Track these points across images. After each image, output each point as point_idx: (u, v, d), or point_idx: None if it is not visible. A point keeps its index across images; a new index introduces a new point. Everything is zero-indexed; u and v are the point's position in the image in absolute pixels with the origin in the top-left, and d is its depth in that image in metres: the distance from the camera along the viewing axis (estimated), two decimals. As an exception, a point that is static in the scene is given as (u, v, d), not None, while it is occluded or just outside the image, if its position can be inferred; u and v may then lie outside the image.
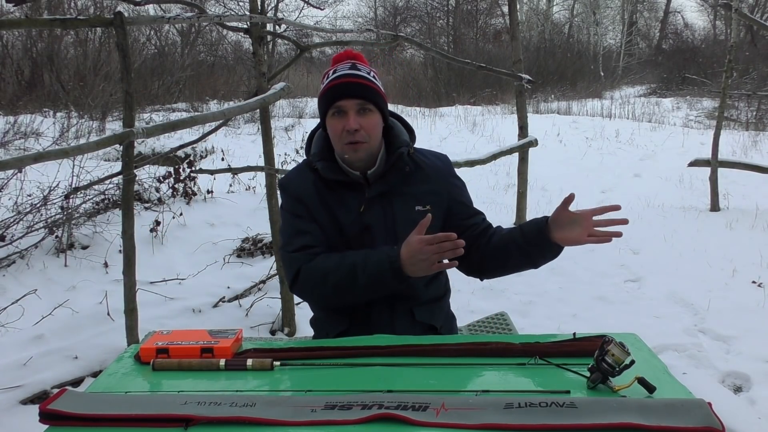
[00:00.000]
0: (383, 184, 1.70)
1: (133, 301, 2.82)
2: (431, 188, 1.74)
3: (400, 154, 1.70)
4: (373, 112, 1.66)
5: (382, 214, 1.70)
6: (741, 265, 4.50)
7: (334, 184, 1.71)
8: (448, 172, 1.81)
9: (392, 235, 1.68)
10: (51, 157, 2.56)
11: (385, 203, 1.71)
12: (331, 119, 1.67)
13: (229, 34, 15.00)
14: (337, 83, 1.64)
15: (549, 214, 1.72)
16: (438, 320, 1.78)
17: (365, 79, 1.66)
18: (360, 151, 1.65)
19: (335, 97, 1.64)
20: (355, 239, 1.69)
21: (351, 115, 1.63)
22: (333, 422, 1.08)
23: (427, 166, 1.77)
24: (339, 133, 1.65)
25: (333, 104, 1.65)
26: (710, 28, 26.80)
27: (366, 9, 27.60)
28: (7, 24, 5.48)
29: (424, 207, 1.72)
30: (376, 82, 1.69)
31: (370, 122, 1.65)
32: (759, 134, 10.20)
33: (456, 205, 1.77)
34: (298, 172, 1.78)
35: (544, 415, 1.07)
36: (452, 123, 11.42)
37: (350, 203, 1.70)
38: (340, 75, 1.65)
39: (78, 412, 1.13)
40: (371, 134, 1.66)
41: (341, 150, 1.67)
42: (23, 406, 2.64)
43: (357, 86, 1.64)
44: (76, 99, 9.48)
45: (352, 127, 1.62)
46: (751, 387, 2.89)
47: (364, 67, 1.69)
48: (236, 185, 6.10)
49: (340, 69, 1.67)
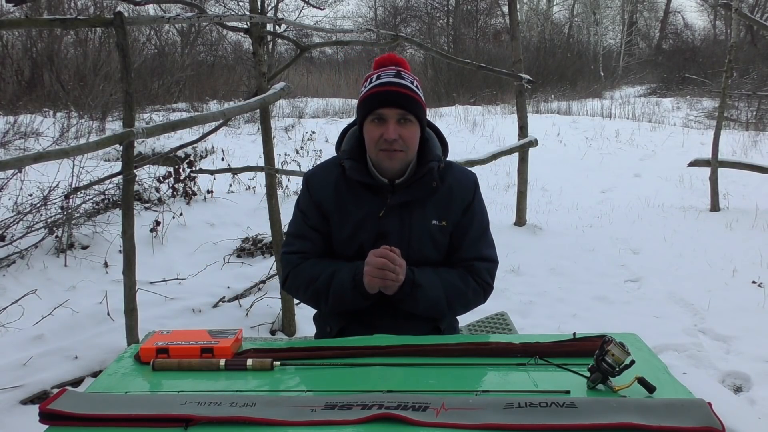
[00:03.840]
0: (407, 194, 1.69)
1: (133, 301, 2.81)
2: (451, 206, 1.73)
3: (430, 169, 1.68)
4: (413, 123, 1.64)
5: (399, 223, 1.69)
6: (741, 265, 4.50)
7: (358, 186, 1.70)
8: (471, 192, 1.77)
9: (406, 245, 1.68)
10: (51, 157, 2.56)
11: (404, 213, 1.70)
12: (370, 125, 1.65)
13: (229, 34, 15.01)
14: (381, 90, 1.62)
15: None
16: (443, 322, 1.78)
17: (409, 89, 1.64)
18: (395, 160, 1.64)
19: (377, 104, 1.62)
20: (369, 244, 1.68)
21: (391, 125, 1.61)
22: (333, 422, 1.08)
23: (454, 184, 1.74)
24: (376, 139, 1.63)
25: (374, 111, 1.63)
26: (710, 28, 26.81)
27: (366, 9, 27.60)
28: (7, 24, 5.48)
29: (440, 222, 1.71)
30: (419, 92, 1.67)
31: (409, 133, 1.64)
32: (759, 134, 10.20)
33: (456, 231, 1.75)
34: (324, 169, 1.78)
35: (544, 415, 1.07)
36: (452, 123, 11.42)
37: (370, 207, 1.69)
38: (385, 82, 1.63)
39: (78, 412, 1.13)
40: (409, 145, 1.65)
41: (376, 156, 1.66)
42: (23, 406, 2.64)
43: (400, 96, 1.62)
44: (76, 99, 9.49)
45: (391, 136, 1.60)
46: (751, 387, 2.89)
47: (408, 76, 1.66)
48: (236, 185, 6.10)
49: (384, 75, 1.65)
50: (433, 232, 1.71)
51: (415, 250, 1.65)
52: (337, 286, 1.65)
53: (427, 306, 1.67)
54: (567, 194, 7.20)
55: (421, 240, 1.69)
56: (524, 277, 4.41)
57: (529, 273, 4.47)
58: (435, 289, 1.67)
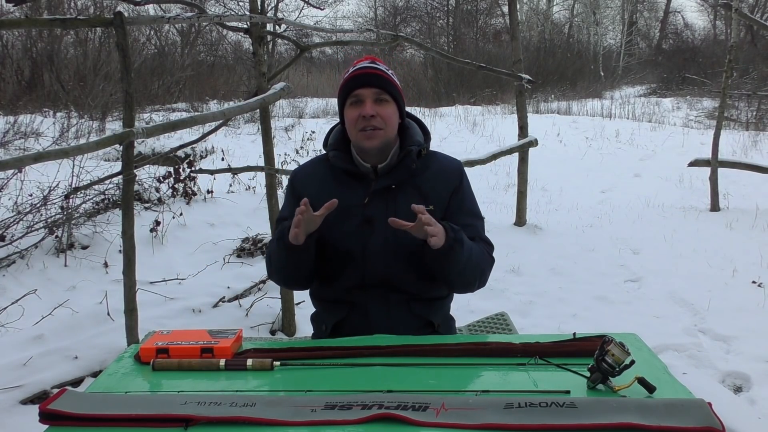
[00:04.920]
0: (390, 178, 1.73)
1: (133, 301, 2.81)
2: (436, 188, 1.76)
3: (409, 151, 1.73)
4: (389, 102, 1.71)
5: (384, 208, 1.71)
6: (741, 265, 4.50)
7: (342, 174, 1.75)
8: (457, 176, 1.80)
9: (392, 230, 1.68)
10: (51, 157, 2.56)
11: (389, 197, 1.73)
12: (349, 109, 1.72)
13: (229, 34, 15.01)
14: (356, 74, 1.71)
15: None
16: (436, 317, 1.78)
17: (383, 71, 1.72)
18: (375, 138, 1.69)
19: (353, 86, 1.70)
20: (356, 231, 1.71)
21: (368, 103, 1.68)
22: (333, 422, 1.08)
23: (437, 167, 1.79)
24: (355, 120, 1.69)
25: (351, 93, 1.70)
26: (710, 28, 26.81)
27: (366, 9, 27.61)
28: (7, 24, 5.48)
29: (427, 206, 1.72)
30: (394, 78, 1.75)
31: (386, 111, 1.70)
32: (759, 134, 10.20)
33: (447, 215, 1.76)
34: (310, 164, 1.86)
35: (544, 415, 1.07)
36: (452, 123, 11.42)
37: (355, 194, 1.72)
38: (359, 67, 1.73)
39: (78, 412, 1.13)
40: (387, 123, 1.70)
41: (356, 138, 1.71)
42: (23, 406, 2.64)
43: (374, 77, 1.70)
44: (76, 99, 9.49)
45: (368, 112, 1.66)
46: (751, 387, 2.89)
47: (382, 65, 1.75)
48: (236, 185, 6.10)
49: (359, 64, 1.75)
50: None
51: (401, 234, 1.64)
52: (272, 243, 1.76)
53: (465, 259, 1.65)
54: (567, 194, 7.20)
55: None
56: (524, 277, 4.41)
57: (529, 273, 4.47)
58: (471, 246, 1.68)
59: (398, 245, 1.69)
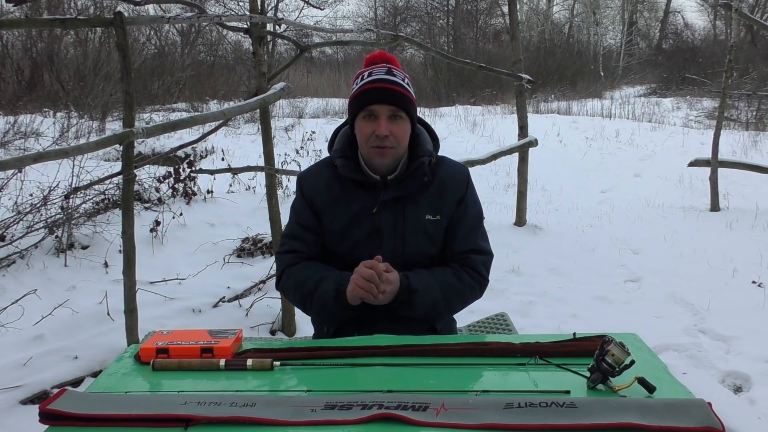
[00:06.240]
0: (399, 189, 1.70)
1: (133, 301, 2.81)
2: (444, 200, 1.74)
3: (421, 163, 1.70)
4: (404, 119, 1.66)
5: (392, 219, 1.70)
6: (741, 265, 4.50)
7: (350, 183, 1.72)
8: (464, 184, 1.78)
9: (401, 240, 1.69)
10: (51, 157, 2.56)
11: (397, 208, 1.71)
12: (362, 121, 1.66)
13: (229, 34, 15.00)
14: (372, 87, 1.64)
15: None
16: (439, 322, 1.78)
17: (400, 86, 1.65)
18: (387, 156, 1.66)
19: (368, 100, 1.64)
20: (364, 241, 1.69)
21: (382, 121, 1.63)
22: (333, 422, 1.08)
23: (446, 179, 1.75)
24: (368, 136, 1.64)
25: (365, 107, 1.64)
26: (710, 28, 26.80)
27: (366, 9, 27.61)
28: (7, 24, 5.48)
29: (434, 216, 1.72)
30: (410, 89, 1.69)
31: (399, 129, 1.65)
32: (759, 134, 10.20)
33: (451, 224, 1.75)
34: (317, 169, 1.80)
35: (544, 415, 1.07)
36: (452, 123, 11.42)
37: (363, 204, 1.70)
38: (376, 79, 1.65)
39: (78, 412, 1.13)
40: (400, 141, 1.66)
41: (367, 153, 1.68)
42: (23, 406, 2.64)
43: (391, 93, 1.63)
44: (76, 99, 9.49)
45: (382, 133, 1.62)
46: (751, 387, 2.89)
47: (399, 73, 1.68)
48: (236, 185, 6.10)
49: (375, 73, 1.67)
50: (427, 226, 1.71)
51: (410, 244, 1.65)
52: (322, 293, 1.65)
53: (426, 309, 1.67)
54: (567, 194, 7.19)
55: (416, 235, 1.69)
56: (524, 277, 4.41)
57: (529, 273, 4.47)
58: (432, 291, 1.67)
59: (406, 255, 1.68)
